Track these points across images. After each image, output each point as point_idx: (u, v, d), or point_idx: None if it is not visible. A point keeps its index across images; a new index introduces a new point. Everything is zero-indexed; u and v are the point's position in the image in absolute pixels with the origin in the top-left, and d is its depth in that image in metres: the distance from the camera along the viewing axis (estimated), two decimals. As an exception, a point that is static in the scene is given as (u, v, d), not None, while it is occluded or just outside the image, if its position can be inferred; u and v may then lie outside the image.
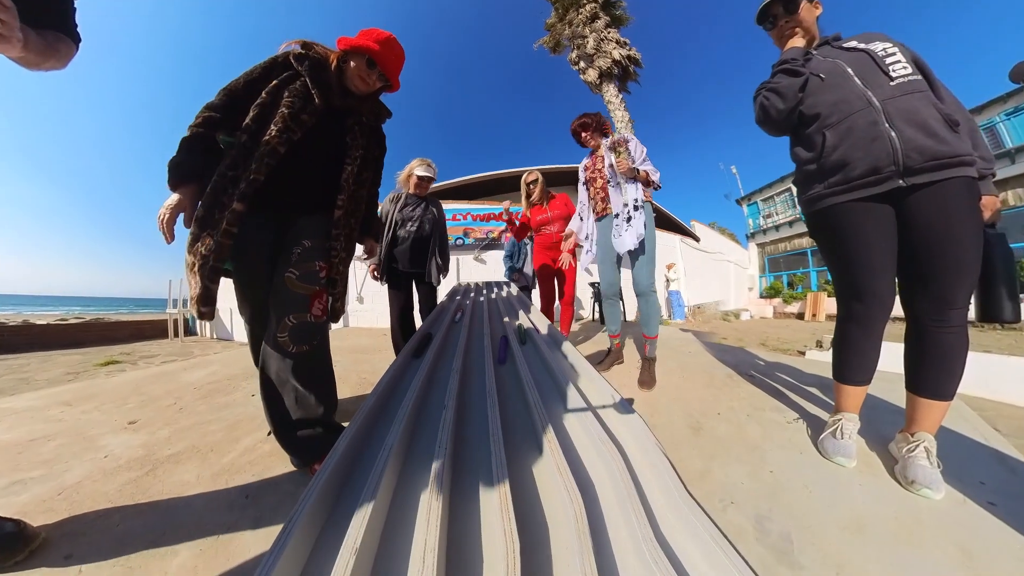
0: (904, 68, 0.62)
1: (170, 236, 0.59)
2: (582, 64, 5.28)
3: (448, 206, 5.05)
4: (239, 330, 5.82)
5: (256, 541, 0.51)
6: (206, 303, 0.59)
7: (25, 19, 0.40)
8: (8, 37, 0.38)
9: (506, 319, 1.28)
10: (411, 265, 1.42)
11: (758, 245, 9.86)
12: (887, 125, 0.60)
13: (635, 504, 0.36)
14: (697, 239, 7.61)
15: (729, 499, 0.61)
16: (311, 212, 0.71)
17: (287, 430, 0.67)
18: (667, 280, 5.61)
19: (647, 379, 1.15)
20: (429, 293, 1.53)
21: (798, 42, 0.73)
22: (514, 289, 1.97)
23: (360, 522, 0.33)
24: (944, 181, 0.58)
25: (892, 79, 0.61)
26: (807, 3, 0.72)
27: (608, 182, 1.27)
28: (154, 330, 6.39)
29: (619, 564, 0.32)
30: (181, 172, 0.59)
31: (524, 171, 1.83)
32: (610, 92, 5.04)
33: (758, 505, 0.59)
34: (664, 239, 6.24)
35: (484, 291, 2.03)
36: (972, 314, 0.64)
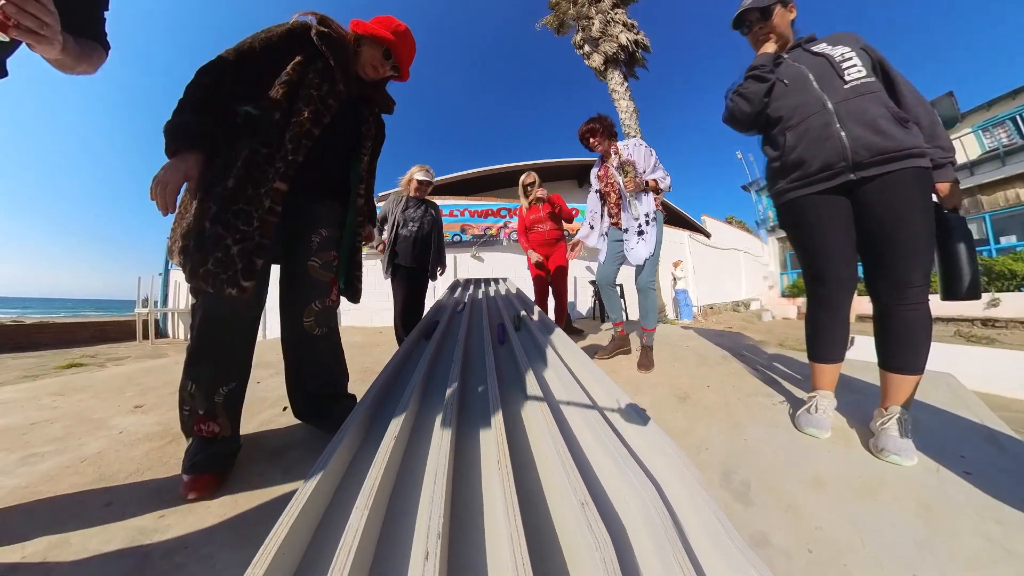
0: (858, 71, 0.73)
1: (171, 207, 0.55)
2: (587, 48, 5.37)
3: (444, 202, 5.10)
4: None
5: (286, 486, 0.62)
6: (249, 277, 0.59)
7: (64, 26, 0.45)
8: (50, 39, 0.45)
9: (507, 312, 1.42)
10: (413, 261, 1.69)
11: (779, 240, 9.92)
12: (838, 126, 0.72)
13: (632, 468, 0.43)
14: (708, 235, 7.76)
15: (704, 447, 0.74)
16: (324, 199, 0.78)
17: (315, 404, 0.80)
18: (673, 279, 5.69)
19: (646, 362, 1.32)
20: (423, 287, 1.79)
21: (770, 48, 0.85)
22: (512, 286, 2.13)
23: (380, 461, 0.44)
24: (891, 173, 0.68)
25: (846, 82, 0.73)
26: (781, 8, 0.83)
27: (620, 198, 1.38)
28: (119, 332, 6.32)
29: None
30: (189, 135, 0.57)
31: (521, 166, 2.02)
32: (615, 80, 5.12)
33: (727, 462, 0.71)
34: (671, 235, 6.37)
35: (483, 286, 2.19)
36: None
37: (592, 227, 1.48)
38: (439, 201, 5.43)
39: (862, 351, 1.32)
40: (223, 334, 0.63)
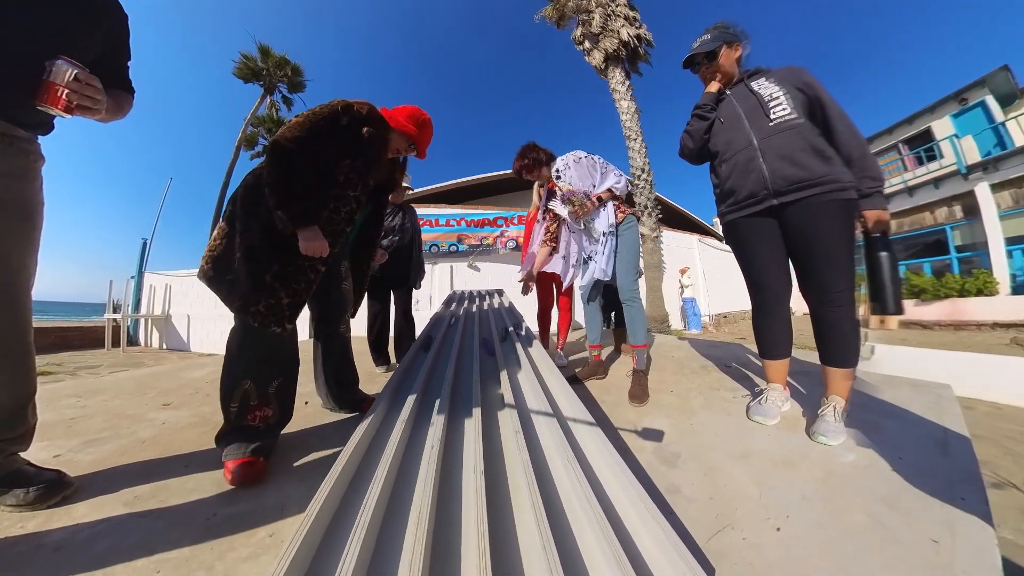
0: (783, 110, 0.95)
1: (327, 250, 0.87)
2: (587, 44, 5.74)
3: (441, 211, 5.45)
4: (198, 339, 6.10)
5: (325, 448, 0.94)
6: (292, 320, 0.87)
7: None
8: (99, 111, 0.61)
9: (495, 326, 1.68)
10: (393, 273, 1.84)
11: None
12: (761, 160, 0.97)
13: (577, 470, 0.71)
14: (720, 238, 8.04)
15: (642, 435, 0.98)
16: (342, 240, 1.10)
17: (344, 390, 1.18)
18: (681, 286, 5.92)
19: (638, 392, 1.24)
20: (407, 296, 1.99)
21: (713, 88, 1.11)
22: (506, 299, 2.34)
23: (384, 463, 0.71)
24: (807, 198, 0.90)
25: (771, 120, 0.96)
26: (727, 49, 1.08)
27: (572, 230, 1.48)
28: (83, 339, 6.42)
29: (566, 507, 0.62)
30: (310, 216, 0.83)
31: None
32: (616, 78, 5.47)
33: (666, 441, 0.95)
34: (678, 240, 6.61)
35: (478, 300, 2.45)
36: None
37: (564, 257, 1.56)
38: (434, 211, 5.72)
39: (885, 365, 1.46)
40: (271, 344, 0.87)
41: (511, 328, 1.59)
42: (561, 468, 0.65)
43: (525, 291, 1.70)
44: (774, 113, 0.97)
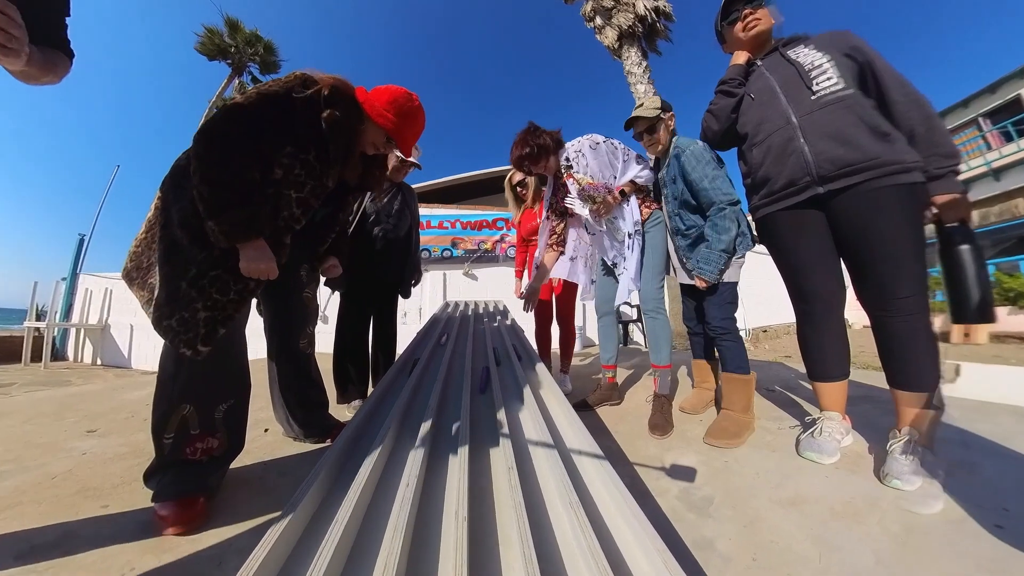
0: (828, 80, 0.89)
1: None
2: (598, 20, 5.89)
3: (433, 212, 5.45)
4: (141, 354, 6.05)
5: (284, 484, 0.90)
6: (208, 343, 0.78)
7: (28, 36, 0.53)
8: (17, 51, 0.52)
9: (492, 347, 1.53)
10: (384, 271, 1.59)
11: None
12: (801, 140, 0.92)
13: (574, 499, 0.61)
14: (757, 240, 8.03)
15: (666, 473, 0.93)
16: (300, 238, 1.02)
17: (309, 414, 1.16)
18: None
19: (660, 421, 1.21)
20: (392, 305, 1.73)
21: (740, 58, 1.09)
22: (508, 318, 2.22)
23: (346, 509, 0.67)
24: (861, 184, 0.85)
25: (814, 93, 0.91)
26: (770, 8, 1.04)
27: (590, 232, 1.44)
28: None
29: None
30: (253, 228, 0.76)
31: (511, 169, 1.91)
32: (631, 58, 5.58)
33: (694, 479, 0.91)
34: None
35: (473, 315, 2.36)
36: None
37: (573, 259, 1.52)
38: (425, 211, 5.70)
39: (977, 388, 1.35)
40: (218, 358, 0.81)
41: (512, 345, 1.53)
42: (563, 514, 0.61)
43: (528, 307, 1.59)
44: (817, 84, 0.92)
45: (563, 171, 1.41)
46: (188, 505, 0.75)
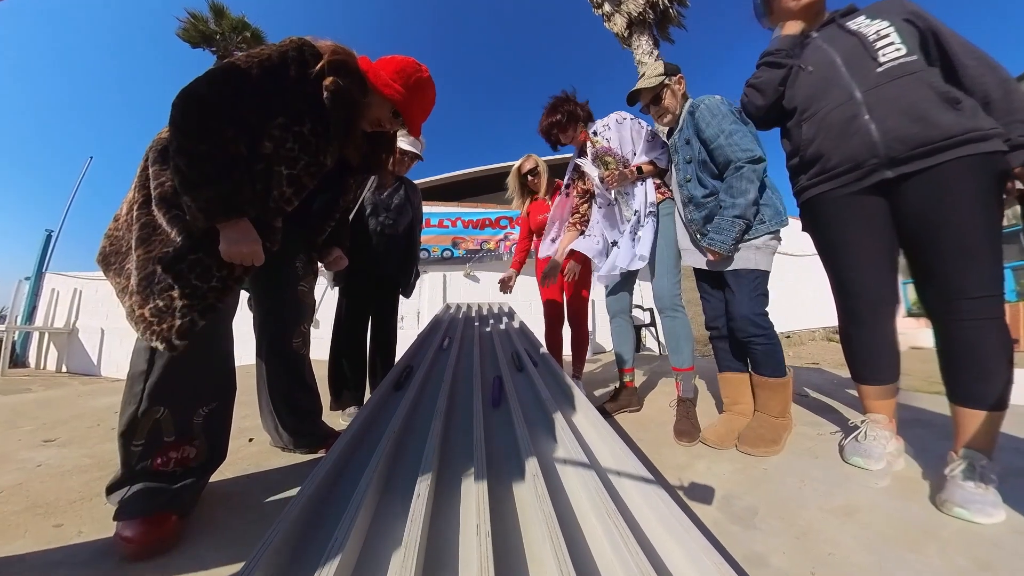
0: (896, 51, 0.84)
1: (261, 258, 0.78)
2: (607, 7, 5.92)
3: (432, 210, 5.37)
4: (112, 362, 5.94)
5: (269, 501, 0.86)
6: (184, 337, 0.72)
7: None
8: None
9: (501, 351, 1.45)
10: (381, 268, 1.57)
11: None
12: (867, 117, 0.85)
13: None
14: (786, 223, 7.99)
15: (699, 484, 0.89)
16: (297, 226, 1.00)
17: (300, 421, 1.11)
18: None
19: (686, 427, 1.18)
20: (392, 306, 1.71)
21: (794, 27, 1.03)
22: (516, 320, 2.16)
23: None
24: (937, 167, 0.77)
25: (880, 64, 0.85)
26: None
27: (599, 204, 1.46)
28: None
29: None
30: (234, 206, 0.72)
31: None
32: (642, 47, 5.59)
33: (731, 489, 0.87)
34: None
35: (477, 315, 2.31)
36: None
37: (592, 237, 1.52)
38: (425, 208, 5.56)
39: None
40: (199, 354, 0.76)
41: (525, 350, 1.45)
42: (598, 526, 0.57)
43: (546, 283, 1.62)
44: (884, 55, 0.86)
45: (588, 135, 1.48)
46: (156, 524, 0.69)
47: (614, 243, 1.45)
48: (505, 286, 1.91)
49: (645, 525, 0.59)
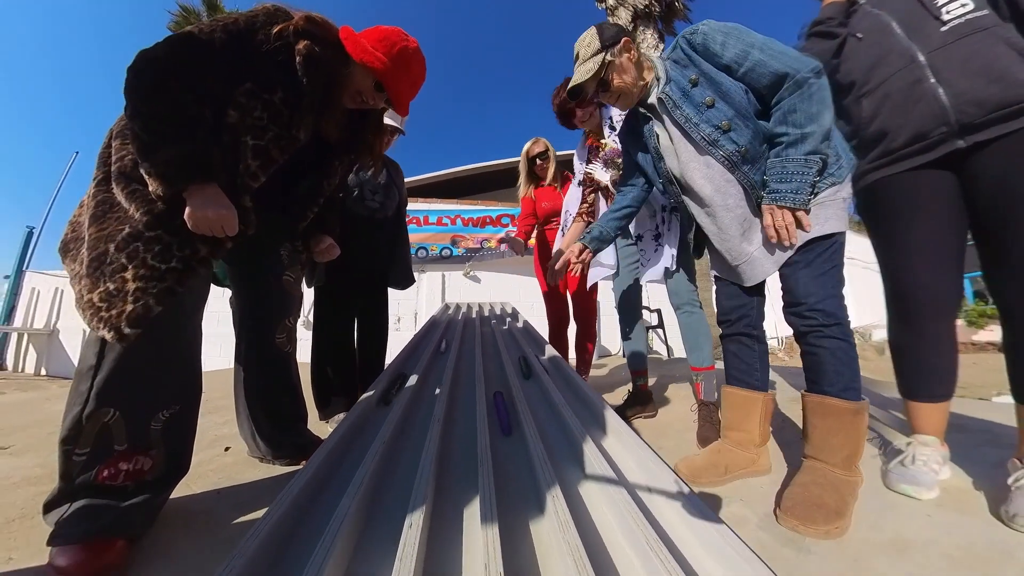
0: (961, 6, 0.76)
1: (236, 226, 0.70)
2: (610, 0, 5.98)
3: (430, 207, 5.37)
4: None
5: (239, 521, 0.76)
6: (137, 325, 0.64)
7: None
8: None
9: (506, 355, 1.31)
10: (368, 259, 1.43)
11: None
12: (933, 80, 0.76)
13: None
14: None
15: (738, 497, 0.81)
16: (275, 211, 0.92)
17: (280, 430, 1.01)
18: None
19: (711, 434, 1.10)
20: (381, 304, 1.58)
21: None
22: (519, 320, 2.05)
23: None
24: (1020, 131, 0.70)
25: (944, 23, 0.77)
26: None
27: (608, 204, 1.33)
28: None
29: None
30: (204, 167, 0.66)
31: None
32: (647, 41, 5.57)
33: (772, 506, 0.78)
34: None
35: (478, 315, 2.19)
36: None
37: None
38: (423, 206, 5.37)
39: None
40: (158, 348, 0.70)
41: (533, 356, 1.32)
42: (635, 559, 0.48)
43: (553, 279, 1.34)
44: (948, 12, 0.78)
45: (605, 130, 1.42)
46: (98, 551, 0.59)
47: (638, 235, 1.38)
48: (517, 246, 1.86)
49: (688, 552, 0.50)
